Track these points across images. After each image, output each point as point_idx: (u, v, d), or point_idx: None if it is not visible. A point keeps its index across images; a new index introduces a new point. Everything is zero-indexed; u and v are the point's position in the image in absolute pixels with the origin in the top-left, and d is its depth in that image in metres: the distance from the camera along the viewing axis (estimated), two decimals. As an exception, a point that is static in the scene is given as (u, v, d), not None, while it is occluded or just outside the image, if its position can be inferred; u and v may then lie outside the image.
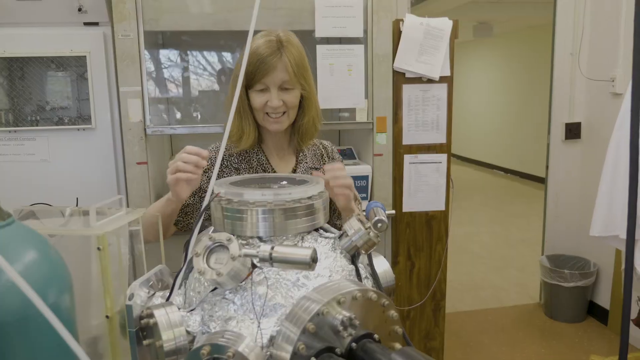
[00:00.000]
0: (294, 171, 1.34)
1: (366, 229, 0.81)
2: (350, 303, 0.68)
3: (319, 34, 2.15)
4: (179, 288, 0.81)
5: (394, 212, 2.34)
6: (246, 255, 0.68)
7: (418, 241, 2.45)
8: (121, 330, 0.82)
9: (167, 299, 0.79)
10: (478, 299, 3.65)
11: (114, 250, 0.88)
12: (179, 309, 0.75)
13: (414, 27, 2.20)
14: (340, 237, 0.83)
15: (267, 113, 1.25)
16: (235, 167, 1.31)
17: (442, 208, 2.43)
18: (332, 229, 0.88)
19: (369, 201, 1.33)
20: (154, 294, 0.83)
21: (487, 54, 8.98)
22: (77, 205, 2.37)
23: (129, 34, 2.02)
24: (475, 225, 5.58)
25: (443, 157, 2.38)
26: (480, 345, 2.99)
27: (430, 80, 2.27)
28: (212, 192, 0.79)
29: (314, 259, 0.66)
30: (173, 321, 0.72)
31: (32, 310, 0.66)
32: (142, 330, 0.77)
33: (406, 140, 2.33)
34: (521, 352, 2.90)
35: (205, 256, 0.70)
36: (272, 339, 0.68)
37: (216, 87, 2.54)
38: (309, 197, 0.80)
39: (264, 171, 1.32)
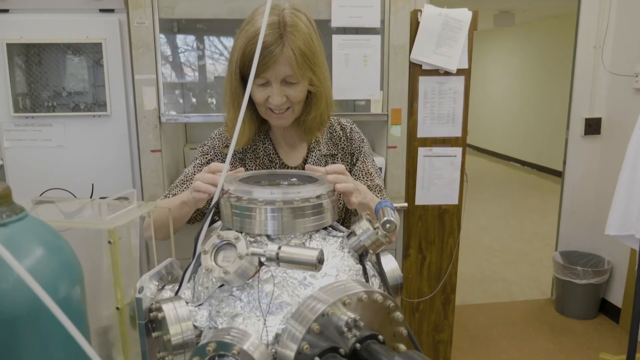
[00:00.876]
0: (305, 161, 1.22)
1: (375, 229, 0.81)
2: (356, 304, 0.68)
3: (335, 23, 2.13)
4: (188, 282, 0.82)
5: (406, 205, 2.34)
6: (253, 254, 0.69)
7: (430, 234, 2.44)
8: (131, 321, 0.83)
9: (176, 293, 0.80)
10: (488, 293, 3.64)
11: (125, 243, 0.89)
12: (187, 303, 0.76)
13: (433, 17, 2.17)
14: (348, 236, 0.83)
15: (269, 108, 1.12)
16: (239, 158, 1.21)
17: (455, 202, 2.41)
18: (341, 227, 0.88)
19: (381, 199, 1.26)
20: (163, 286, 0.84)
21: (507, 44, 8.82)
22: (92, 191, 2.39)
23: (144, 21, 2.02)
24: (489, 218, 5.54)
25: (458, 150, 2.35)
26: (488, 338, 2.99)
27: (447, 73, 2.24)
28: (222, 189, 0.80)
29: (320, 260, 0.66)
30: (181, 316, 0.73)
31: (43, 304, 0.68)
32: (151, 323, 0.78)
33: (421, 133, 2.31)
34: (530, 347, 2.89)
35: (213, 254, 0.70)
36: (277, 337, 0.69)
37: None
38: (318, 197, 0.80)
39: (270, 162, 1.21)
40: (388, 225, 0.80)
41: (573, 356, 2.80)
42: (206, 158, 1.23)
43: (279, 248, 0.68)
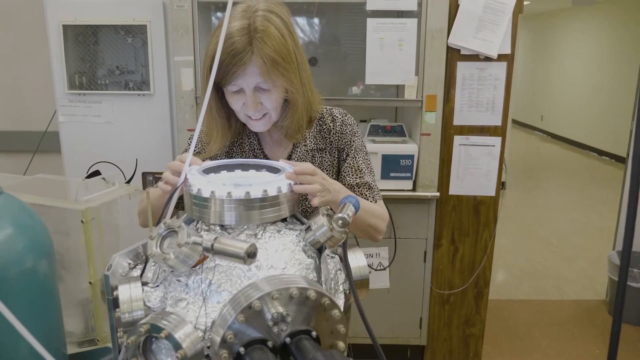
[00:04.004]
0: (290, 157, 1.19)
1: (330, 225, 0.81)
2: (288, 299, 0.69)
3: (370, 7, 2.08)
4: (155, 264, 0.87)
5: (438, 194, 2.28)
6: (194, 243, 0.71)
7: (464, 226, 2.37)
8: (102, 295, 0.89)
9: (142, 274, 0.85)
10: (537, 288, 3.48)
11: (108, 220, 0.96)
12: (147, 283, 0.81)
13: (473, 0, 2.06)
14: (306, 230, 0.84)
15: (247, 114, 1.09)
16: (226, 152, 1.19)
17: (492, 194, 2.32)
18: (303, 220, 0.89)
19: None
20: (135, 265, 0.90)
21: (586, 24, 8.16)
22: (136, 166, 2.52)
23: (183, 4, 2.09)
24: (551, 209, 5.25)
25: (497, 140, 2.25)
26: (528, 336, 2.88)
27: (487, 58, 2.13)
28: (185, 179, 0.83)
29: (250, 254, 0.68)
30: (133, 296, 0.77)
31: (9, 273, 0.75)
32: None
33: (457, 120, 2.23)
34: (572, 350, 2.75)
35: (159, 241, 0.74)
36: (214, 323, 0.72)
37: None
38: (271, 189, 0.81)
39: (255, 157, 1.19)
40: (340, 222, 0.80)
41: (619, 363, 2.63)
42: (195, 150, 1.22)
43: (215, 239, 0.70)
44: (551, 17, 8.93)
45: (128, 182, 2.45)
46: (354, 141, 1.21)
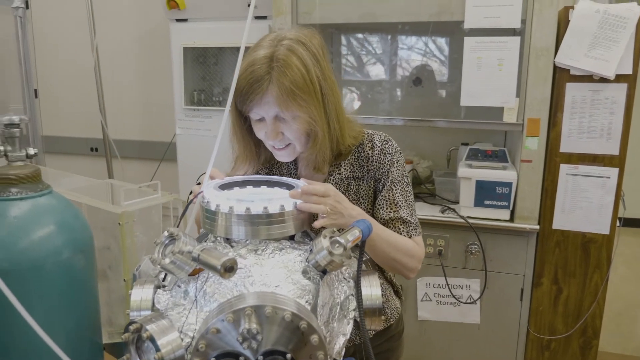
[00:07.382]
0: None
1: (329, 249, 0.79)
2: (264, 318, 0.69)
3: (468, 25, 1.99)
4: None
5: (537, 227, 2.06)
6: (187, 252, 0.75)
7: (569, 265, 2.11)
8: (133, 293, 0.98)
9: (164, 278, 0.91)
10: (678, 349, 2.95)
11: (151, 224, 1.05)
12: (163, 286, 0.87)
13: (587, 15, 1.86)
14: (310, 251, 0.83)
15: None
16: (265, 173, 1.20)
17: (606, 232, 2.03)
18: (315, 240, 0.88)
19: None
20: (164, 269, 0.97)
21: None
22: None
23: (284, 27, 2.20)
24: None
25: (613, 171, 1.98)
26: (655, 404, 2.45)
27: (603, 79, 1.90)
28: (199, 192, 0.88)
29: (227, 268, 0.69)
30: (143, 297, 0.83)
31: (46, 263, 0.85)
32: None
33: (565, 147, 2.01)
34: None
35: (161, 247, 0.79)
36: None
37: (359, 77, 2.58)
38: (278, 207, 0.81)
39: None
40: (337, 245, 0.78)
41: None
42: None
43: (202, 250, 0.73)
44: None
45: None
46: (391, 172, 1.13)
